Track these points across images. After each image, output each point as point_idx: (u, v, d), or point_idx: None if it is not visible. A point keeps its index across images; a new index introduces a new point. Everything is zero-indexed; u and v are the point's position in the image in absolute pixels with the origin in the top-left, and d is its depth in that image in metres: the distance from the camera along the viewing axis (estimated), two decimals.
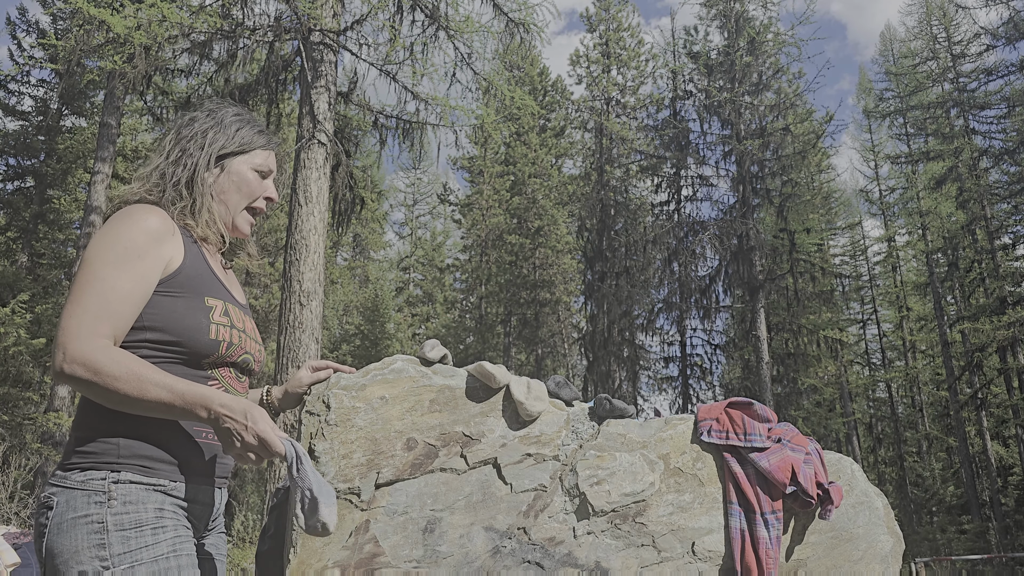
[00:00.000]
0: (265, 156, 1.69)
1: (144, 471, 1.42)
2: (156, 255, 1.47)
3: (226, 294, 1.59)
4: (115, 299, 1.40)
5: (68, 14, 16.56)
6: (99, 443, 1.42)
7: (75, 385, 1.36)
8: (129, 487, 1.40)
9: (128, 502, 1.39)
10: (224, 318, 1.53)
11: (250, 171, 1.67)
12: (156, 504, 1.42)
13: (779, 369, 22.41)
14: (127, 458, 1.42)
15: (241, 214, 1.67)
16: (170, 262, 1.49)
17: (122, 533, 1.36)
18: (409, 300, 33.48)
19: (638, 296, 22.29)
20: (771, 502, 2.58)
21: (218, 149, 1.64)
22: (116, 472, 1.40)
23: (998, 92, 22.25)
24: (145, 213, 1.50)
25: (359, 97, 11.00)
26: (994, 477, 22.56)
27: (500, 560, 2.46)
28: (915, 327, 28.75)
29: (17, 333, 13.29)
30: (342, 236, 27.11)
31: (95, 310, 1.38)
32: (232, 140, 1.65)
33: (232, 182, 1.65)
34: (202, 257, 1.58)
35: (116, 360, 1.34)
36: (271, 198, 1.71)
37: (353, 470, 2.52)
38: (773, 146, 21.16)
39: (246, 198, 1.67)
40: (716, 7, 22.50)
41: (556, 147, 27.56)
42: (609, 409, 2.74)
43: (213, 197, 1.63)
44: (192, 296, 1.50)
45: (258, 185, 1.68)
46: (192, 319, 1.47)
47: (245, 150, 1.66)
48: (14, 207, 18.51)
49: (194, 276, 1.52)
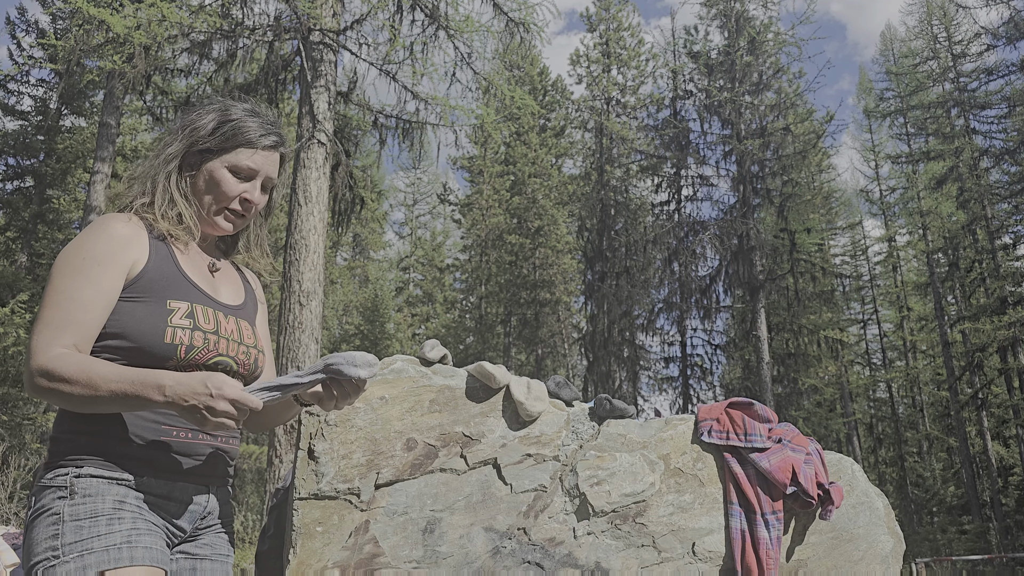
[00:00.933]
0: (249, 155, 1.58)
1: (106, 465, 1.41)
2: (118, 261, 1.45)
3: (198, 295, 1.53)
4: (75, 309, 1.39)
5: (68, 14, 16.56)
6: (67, 442, 1.43)
7: (43, 397, 1.37)
8: (90, 481, 1.39)
9: (87, 495, 1.37)
10: (186, 320, 1.47)
11: (224, 171, 1.57)
12: (117, 496, 1.39)
13: (779, 369, 22.41)
14: (91, 454, 1.41)
15: (217, 215, 1.60)
16: (133, 266, 1.47)
17: (76, 523, 1.35)
18: (409, 300, 33.48)
19: (638, 296, 22.29)
20: (771, 502, 2.58)
21: (185, 147, 1.57)
22: (79, 467, 1.40)
23: (999, 92, 22.25)
24: (107, 221, 1.49)
25: (359, 97, 11.00)
26: (995, 477, 22.55)
27: (500, 560, 2.45)
28: (916, 327, 28.75)
29: (17, 333, 13.29)
30: (342, 236, 27.12)
31: (56, 322, 1.38)
32: (208, 138, 1.57)
33: (204, 182, 1.58)
34: (170, 258, 1.53)
35: (67, 363, 1.34)
36: (248, 200, 1.59)
37: (353, 470, 2.51)
38: (773, 146, 21.16)
39: (217, 201, 1.58)
40: (716, 7, 22.50)
41: (556, 147, 27.56)
42: (609, 409, 2.74)
43: (184, 196, 1.57)
44: (153, 300, 1.46)
45: (231, 186, 1.57)
46: (148, 324, 1.43)
47: (226, 148, 1.57)
48: (14, 207, 18.52)
49: (157, 279, 1.48)
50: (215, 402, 1.31)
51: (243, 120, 1.59)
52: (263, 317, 1.75)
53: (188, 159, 1.58)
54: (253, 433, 19.22)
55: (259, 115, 1.63)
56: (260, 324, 1.72)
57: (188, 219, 1.56)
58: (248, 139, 1.58)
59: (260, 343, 1.65)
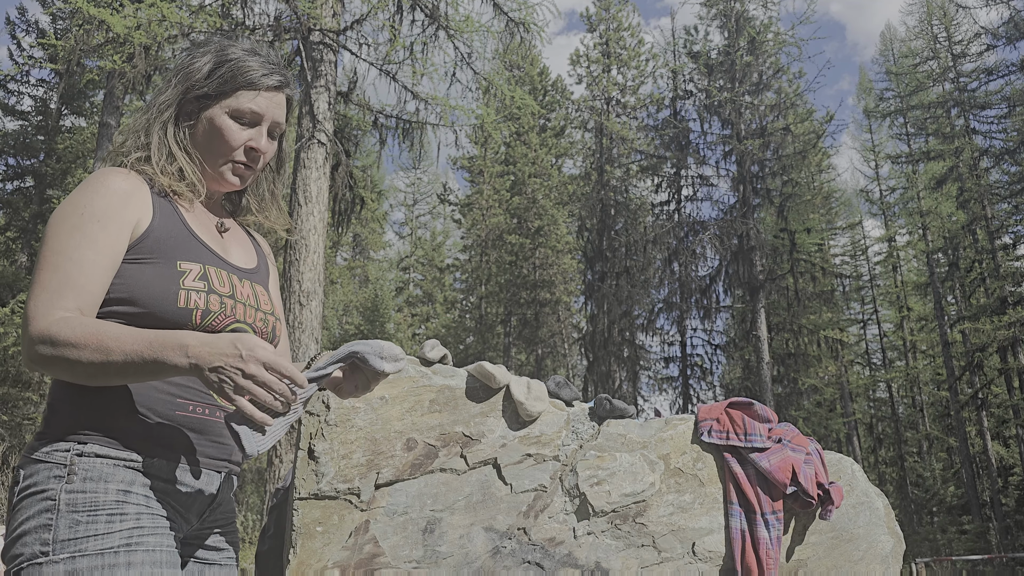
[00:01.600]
0: (252, 98, 1.41)
1: (112, 444, 1.25)
2: (120, 219, 1.30)
3: (209, 256, 1.38)
4: (75, 271, 1.25)
5: (68, 14, 16.56)
6: (68, 413, 1.27)
7: (45, 368, 1.22)
8: (93, 461, 1.23)
9: (89, 479, 1.22)
10: (200, 283, 1.32)
11: (225, 118, 1.41)
12: (122, 484, 1.23)
13: (779, 369, 22.42)
14: (95, 429, 1.25)
15: (223, 168, 1.43)
16: (137, 225, 1.32)
17: (72, 516, 1.19)
18: (409, 300, 33.49)
19: (638, 296, 22.30)
20: (771, 502, 2.58)
21: (180, 94, 1.42)
22: (82, 444, 1.24)
23: (998, 92, 22.26)
24: (105, 175, 1.33)
25: (359, 97, 11.00)
26: (995, 477, 22.56)
27: (500, 560, 2.45)
28: (915, 327, 28.76)
29: (16, 333, 13.29)
30: (342, 236, 27.13)
31: (54, 286, 1.23)
32: (205, 82, 1.41)
33: (203, 132, 1.42)
34: (177, 216, 1.38)
35: (73, 327, 1.19)
36: (255, 148, 1.43)
37: (353, 470, 2.51)
38: (773, 146, 21.17)
39: (221, 152, 1.42)
40: (716, 7, 22.51)
41: (556, 147, 27.56)
42: (609, 409, 2.74)
43: (183, 149, 1.42)
44: (162, 261, 1.31)
45: (234, 134, 1.41)
46: (159, 287, 1.28)
47: (225, 92, 1.41)
48: (14, 207, 18.52)
49: (164, 238, 1.33)
50: (246, 364, 1.15)
51: (242, 60, 1.43)
52: (275, 283, 1.61)
53: (185, 108, 1.43)
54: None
55: (260, 54, 1.47)
56: (273, 290, 1.57)
57: (190, 174, 1.41)
58: (249, 80, 1.42)
59: (276, 310, 1.51)
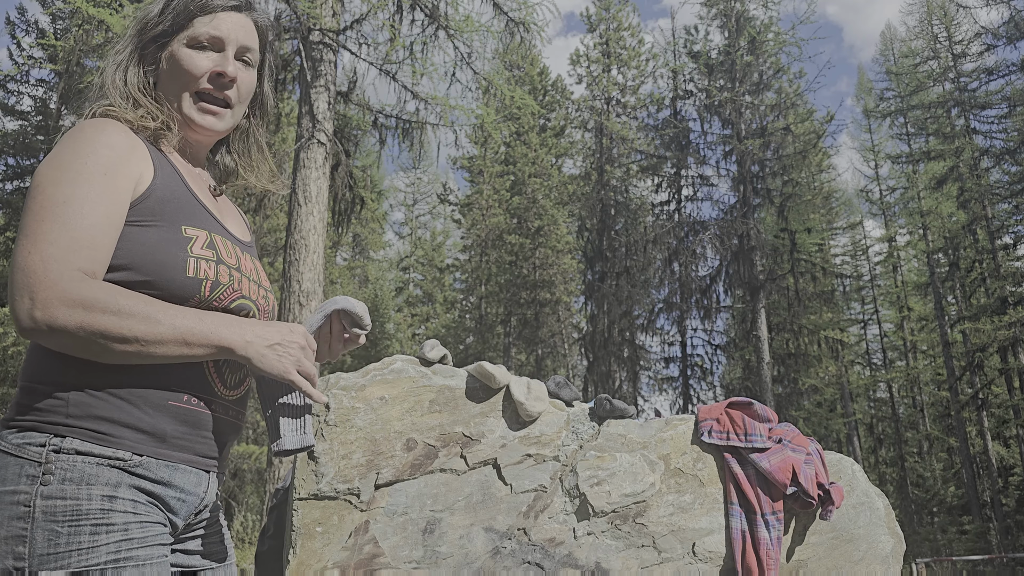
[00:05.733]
0: (208, 21, 1.28)
1: (97, 438, 1.08)
2: (125, 172, 1.15)
3: (213, 223, 1.26)
4: (86, 226, 1.08)
5: (67, 14, 16.56)
6: (46, 396, 1.09)
7: (58, 337, 1.04)
8: (74, 459, 1.06)
9: (68, 480, 1.05)
10: (208, 251, 1.19)
11: (184, 49, 1.27)
12: (107, 488, 1.07)
13: (780, 369, 22.41)
14: (77, 418, 1.08)
15: (188, 104, 1.28)
16: (139, 182, 1.17)
17: (51, 526, 1.03)
18: (409, 300, 33.49)
19: (638, 296, 22.30)
20: (772, 503, 2.57)
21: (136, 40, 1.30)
22: (60, 438, 1.07)
23: (999, 92, 22.26)
24: (101, 125, 1.18)
25: (359, 97, 11.00)
26: (995, 477, 22.56)
27: (500, 561, 2.45)
28: (916, 327, 28.76)
29: (16, 333, 13.30)
30: (342, 236, 27.11)
31: (64, 242, 1.06)
32: (159, 19, 1.29)
33: (166, 72, 1.28)
34: (177, 176, 1.25)
35: (111, 292, 1.05)
36: (221, 72, 1.27)
37: (353, 471, 2.51)
38: (774, 146, 21.18)
39: (185, 85, 1.27)
40: (716, 7, 22.51)
41: (556, 147, 27.56)
42: (609, 409, 2.73)
43: (147, 95, 1.27)
44: (166, 225, 1.17)
45: (195, 61, 1.27)
46: (165, 252, 1.14)
47: (181, 25, 1.28)
48: (13, 207, 18.52)
49: (168, 199, 1.19)
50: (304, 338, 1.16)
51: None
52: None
53: (145, 54, 1.29)
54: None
55: None
56: None
57: (162, 117, 1.26)
58: (202, 4, 1.28)
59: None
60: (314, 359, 1.20)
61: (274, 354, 1.11)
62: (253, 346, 1.11)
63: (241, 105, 1.34)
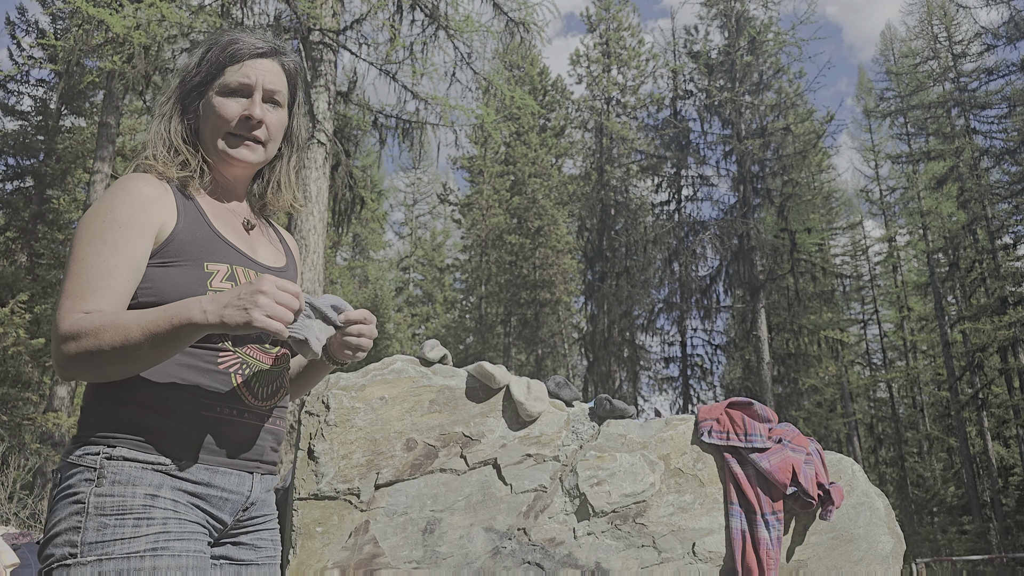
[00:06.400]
0: (237, 69, 1.43)
1: (142, 446, 1.27)
2: (142, 223, 1.32)
3: (237, 256, 1.40)
4: (96, 276, 1.27)
5: (67, 14, 16.56)
6: (99, 415, 1.30)
7: (75, 369, 1.24)
8: (122, 465, 1.25)
9: (117, 482, 1.24)
10: (227, 283, 1.34)
11: (216, 97, 1.43)
12: (150, 488, 1.25)
13: (780, 369, 22.40)
14: (125, 431, 1.27)
15: (222, 144, 1.44)
16: (161, 229, 1.34)
17: (100, 519, 1.22)
18: (409, 300, 33.49)
19: (638, 296, 22.29)
20: (772, 503, 2.57)
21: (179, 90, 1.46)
22: (111, 447, 1.26)
23: (999, 92, 22.25)
24: (128, 181, 1.36)
25: (359, 97, 11.00)
26: (995, 477, 22.55)
27: (500, 561, 2.44)
28: (916, 327, 28.75)
29: (16, 333, 13.29)
30: (342, 236, 27.11)
31: (76, 291, 1.26)
32: (196, 70, 1.45)
33: (203, 119, 1.45)
34: (202, 218, 1.40)
35: (90, 319, 1.22)
36: (249, 116, 1.42)
37: (353, 470, 2.51)
38: (774, 146, 21.17)
39: (218, 128, 1.43)
40: (716, 7, 22.50)
41: (556, 147, 27.55)
42: (609, 409, 2.73)
43: (185, 141, 1.44)
44: (188, 263, 1.33)
45: (227, 107, 1.42)
46: (187, 287, 1.31)
47: (215, 74, 1.43)
48: (13, 207, 18.51)
49: (190, 240, 1.35)
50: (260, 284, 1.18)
51: (226, 38, 1.46)
52: (299, 279, 1.63)
53: (185, 103, 1.46)
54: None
55: (247, 31, 1.49)
56: None
57: (191, 161, 1.43)
58: (231, 53, 1.43)
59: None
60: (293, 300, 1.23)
61: (233, 310, 1.18)
62: (211, 313, 1.19)
63: (273, 142, 1.49)
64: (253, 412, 1.38)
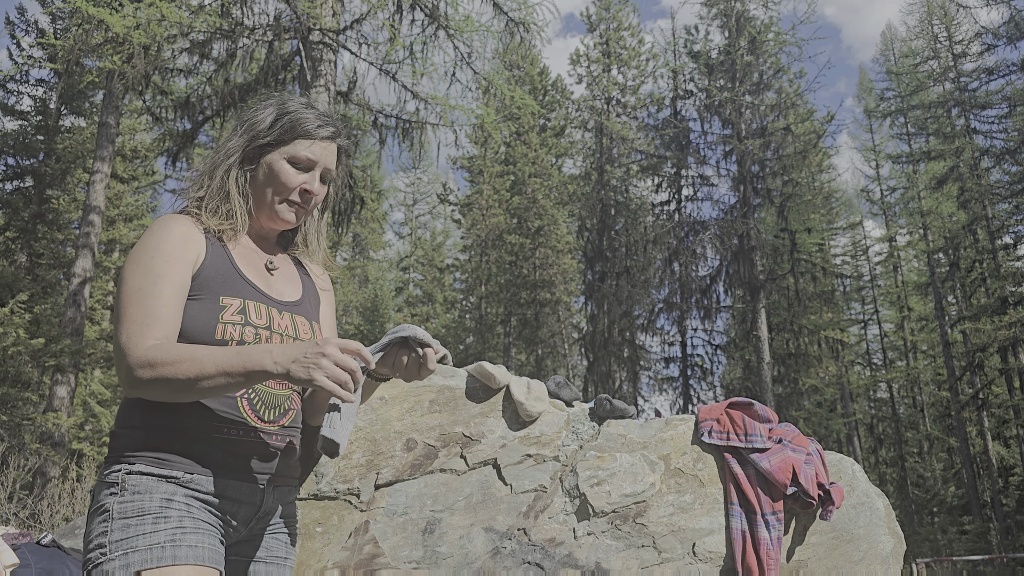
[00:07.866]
0: (307, 146, 1.60)
1: (158, 463, 1.42)
2: (184, 258, 1.49)
3: (251, 291, 1.55)
4: (156, 304, 1.42)
5: (67, 14, 16.55)
6: (125, 439, 1.46)
7: (147, 390, 1.38)
8: (140, 478, 1.41)
9: (136, 492, 1.40)
10: (238, 316, 1.49)
11: (283, 163, 1.59)
12: (165, 494, 1.41)
13: (780, 369, 22.40)
14: (143, 451, 1.43)
15: (276, 203, 1.61)
16: (195, 263, 1.51)
17: (123, 521, 1.37)
18: (409, 300, 33.47)
19: (638, 296, 22.28)
20: (772, 503, 2.57)
21: (246, 142, 1.61)
22: (131, 464, 1.42)
23: (999, 92, 22.24)
24: (166, 221, 1.53)
25: (359, 96, 10.99)
26: (995, 477, 22.55)
27: (500, 561, 2.44)
28: (916, 327, 28.75)
29: (16, 333, 13.27)
30: (342, 236, 27.11)
31: (140, 319, 1.41)
32: (268, 131, 1.60)
33: (264, 175, 1.60)
34: (226, 256, 1.56)
35: (167, 350, 1.37)
36: (309, 190, 1.61)
37: (352, 471, 2.50)
38: (774, 146, 21.16)
39: (278, 192, 1.60)
40: (717, 6, 22.49)
41: (556, 147, 27.54)
42: (609, 409, 2.73)
43: (240, 191, 1.60)
44: (207, 297, 1.49)
45: (291, 177, 1.60)
46: (201, 320, 1.46)
47: (284, 140, 1.59)
48: (13, 207, 18.49)
49: (212, 276, 1.51)
50: (325, 346, 1.30)
51: (300, 112, 1.61)
52: (328, 306, 1.76)
53: (248, 154, 1.61)
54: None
55: (315, 108, 1.66)
56: (324, 315, 1.73)
57: (238, 214, 1.58)
58: (306, 130, 1.60)
59: (318, 335, 1.65)
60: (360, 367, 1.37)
61: (299, 366, 1.32)
62: (280, 364, 1.33)
63: (315, 208, 1.70)
64: (261, 432, 1.51)
